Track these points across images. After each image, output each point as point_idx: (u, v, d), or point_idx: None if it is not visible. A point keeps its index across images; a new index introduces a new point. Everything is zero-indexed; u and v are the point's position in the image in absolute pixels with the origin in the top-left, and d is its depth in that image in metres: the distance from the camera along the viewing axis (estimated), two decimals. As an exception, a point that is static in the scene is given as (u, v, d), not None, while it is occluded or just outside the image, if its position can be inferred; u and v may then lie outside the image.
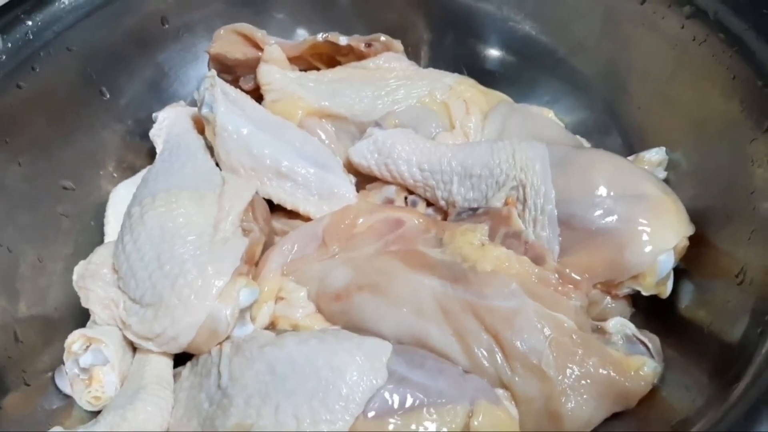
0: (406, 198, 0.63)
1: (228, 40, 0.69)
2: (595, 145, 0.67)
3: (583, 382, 0.47)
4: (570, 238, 0.54)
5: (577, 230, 0.54)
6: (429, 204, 0.63)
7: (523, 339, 0.48)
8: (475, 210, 0.58)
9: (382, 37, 0.70)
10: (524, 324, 0.49)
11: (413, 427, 0.45)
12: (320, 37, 0.69)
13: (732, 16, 0.56)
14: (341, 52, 0.71)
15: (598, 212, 0.53)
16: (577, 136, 0.68)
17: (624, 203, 0.53)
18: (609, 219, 0.53)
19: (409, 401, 0.45)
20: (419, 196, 0.63)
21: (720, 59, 0.56)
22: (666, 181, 0.60)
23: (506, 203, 0.57)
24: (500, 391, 0.49)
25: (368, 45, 0.70)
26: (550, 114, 0.70)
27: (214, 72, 0.65)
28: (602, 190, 0.53)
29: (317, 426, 0.43)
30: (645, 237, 0.52)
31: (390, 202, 0.62)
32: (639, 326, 0.53)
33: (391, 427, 0.44)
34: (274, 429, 0.43)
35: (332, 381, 0.45)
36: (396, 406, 0.45)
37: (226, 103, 0.62)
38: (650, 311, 0.55)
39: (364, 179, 0.64)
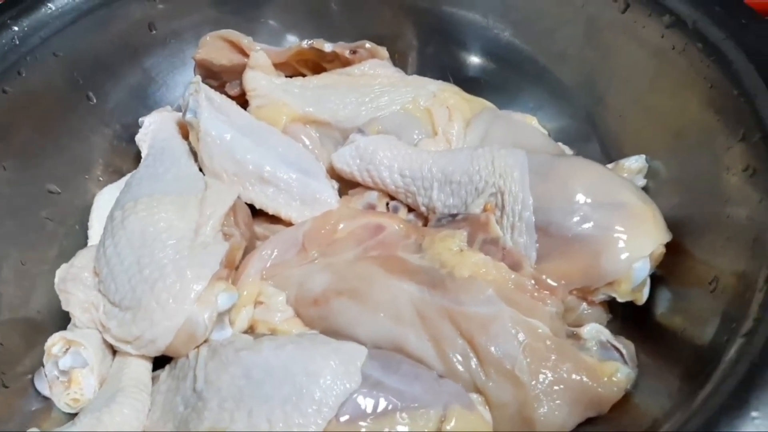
0: (387, 204, 0.63)
1: (214, 46, 0.70)
2: (577, 153, 0.67)
3: (556, 387, 0.48)
4: (547, 245, 0.54)
5: (554, 237, 0.54)
6: (410, 210, 0.63)
7: (497, 344, 0.49)
8: (454, 216, 0.58)
9: (367, 44, 0.71)
10: (499, 330, 0.49)
11: (386, 430, 0.45)
12: (305, 43, 0.69)
13: (710, 26, 0.56)
14: (327, 59, 0.71)
15: (576, 219, 0.53)
16: (560, 144, 0.69)
17: (601, 211, 0.53)
18: (586, 226, 0.53)
19: (382, 405, 0.46)
20: (401, 202, 0.63)
21: (698, 68, 0.56)
22: (645, 188, 0.61)
23: (485, 210, 0.57)
24: (475, 396, 0.49)
25: (353, 52, 0.70)
26: (533, 121, 0.71)
27: (198, 78, 0.66)
28: (580, 198, 0.54)
29: (290, 429, 0.44)
30: (621, 244, 0.52)
31: (372, 207, 0.62)
32: (616, 333, 0.54)
33: (363, 431, 0.45)
34: (247, 433, 0.43)
35: (306, 386, 0.45)
36: (369, 410, 0.45)
37: (210, 108, 0.63)
38: (627, 318, 0.55)
39: (346, 185, 0.65)
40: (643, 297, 0.53)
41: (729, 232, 0.49)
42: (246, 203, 0.61)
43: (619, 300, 0.53)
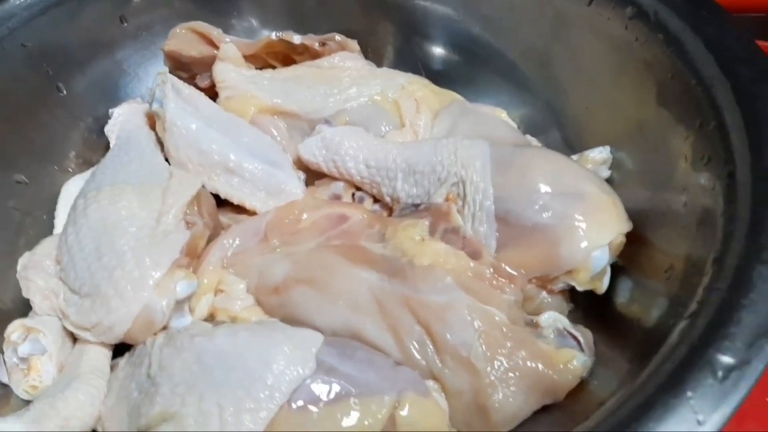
0: (353, 194, 0.63)
1: (184, 38, 0.70)
2: (546, 145, 0.68)
3: (511, 374, 0.48)
4: (507, 234, 0.54)
5: (514, 226, 0.54)
6: (376, 200, 0.63)
7: (453, 332, 0.49)
8: (417, 206, 0.59)
9: (337, 37, 0.71)
10: (456, 317, 0.49)
11: (338, 416, 0.45)
12: (274, 35, 0.69)
13: (671, 17, 0.56)
14: (297, 51, 0.71)
15: (535, 209, 0.53)
16: (528, 136, 0.69)
17: (561, 200, 0.53)
18: (545, 215, 0.53)
19: (335, 391, 0.46)
20: (366, 192, 0.63)
21: (659, 59, 0.56)
22: (610, 179, 0.61)
23: (447, 199, 0.57)
24: (431, 384, 0.49)
25: (323, 44, 0.70)
26: (502, 114, 0.71)
27: (166, 69, 0.66)
28: (540, 188, 0.54)
29: (240, 415, 0.44)
30: (580, 233, 0.52)
31: (337, 198, 0.62)
32: (577, 321, 0.54)
33: (315, 416, 0.45)
34: (197, 417, 0.43)
35: (259, 371, 0.45)
36: (322, 395, 0.45)
37: (177, 99, 0.63)
38: (588, 307, 0.55)
39: (313, 175, 0.65)
40: (602, 286, 0.54)
41: (685, 220, 0.49)
42: (212, 193, 0.61)
43: (579, 289, 0.53)
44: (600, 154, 0.61)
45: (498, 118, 0.68)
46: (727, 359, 0.34)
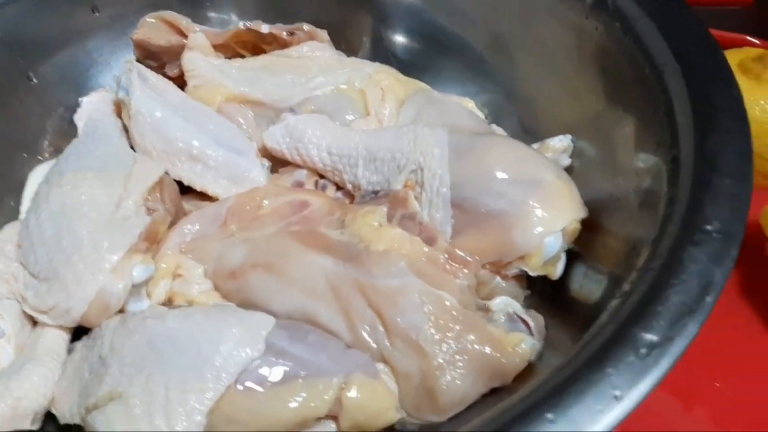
0: (317, 182, 0.63)
1: (153, 27, 0.71)
2: (510, 134, 0.68)
3: (459, 357, 0.48)
4: (462, 220, 0.55)
5: (469, 212, 0.54)
6: (339, 188, 0.63)
7: (404, 315, 0.49)
8: (376, 193, 0.59)
9: (306, 27, 0.71)
10: (407, 301, 0.50)
11: (284, 397, 0.45)
12: (242, 25, 0.70)
13: (629, 4, 0.57)
14: (265, 41, 0.72)
15: (491, 195, 0.54)
16: (494, 126, 0.69)
17: (516, 187, 0.54)
18: (500, 202, 0.53)
19: (283, 373, 0.46)
20: (329, 180, 0.63)
21: (617, 47, 0.57)
22: (570, 167, 0.61)
23: (406, 186, 0.58)
24: (381, 366, 0.49)
25: (291, 33, 0.71)
26: (469, 104, 0.71)
27: (133, 57, 0.66)
28: (496, 175, 0.54)
29: (186, 395, 0.44)
30: (533, 219, 0.52)
31: (300, 185, 0.63)
32: (533, 307, 0.54)
33: (261, 397, 0.45)
34: (143, 397, 0.44)
35: (207, 353, 0.46)
36: (270, 377, 0.46)
37: (142, 87, 0.64)
38: (544, 292, 0.56)
39: (279, 163, 0.65)
40: (556, 272, 0.54)
41: (634, 205, 0.50)
42: (176, 180, 0.62)
43: (531, 274, 0.54)
44: (560, 142, 0.62)
45: (463, 107, 0.69)
46: (650, 337, 0.34)
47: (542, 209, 0.53)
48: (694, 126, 0.46)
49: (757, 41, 0.87)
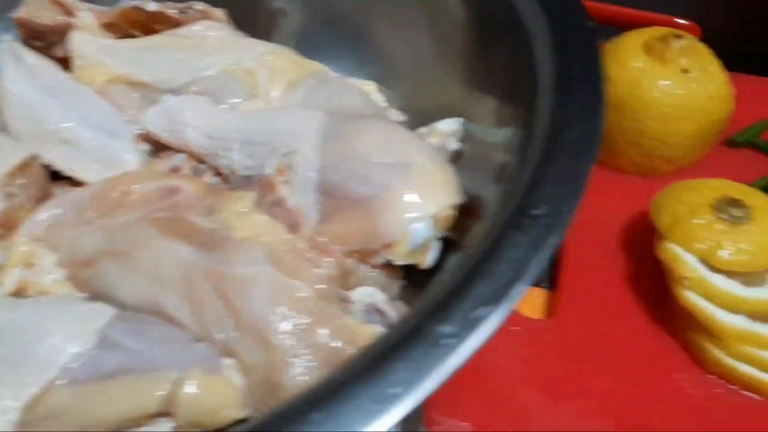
0: (195, 167, 0.61)
1: (38, 6, 0.67)
2: (411, 121, 0.65)
3: (308, 350, 0.45)
4: (330, 206, 0.52)
5: (336, 197, 0.52)
6: (219, 173, 0.61)
7: (252, 307, 0.47)
8: (249, 178, 0.56)
9: (199, 5, 0.68)
10: (257, 292, 0.47)
11: (112, 391, 0.43)
12: (128, 3, 0.67)
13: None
14: (156, 20, 0.69)
15: (357, 179, 0.51)
16: (393, 110, 0.66)
17: (385, 171, 0.51)
18: (366, 186, 0.51)
19: (114, 367, 0.44)
20: (209, 164, 0.61)
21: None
22: (460, 152, 0.59)
23: (278, 170, 0.55)
24: (228, 361, 0.47)
25: (182, 12, 0.68)
26: (370, 87, 0.68)
27: (10, 37, 0.63)
28: (364, 158, 0.52)
29: (5, 388, 0.42)
30: (399, 204, 0.50)
31: (176, 170, 0.60)
32: (408, 297, 0.52)
33: (86, 393, 0.43)
34: (-46, 390, 0.41)
35: (33, 345, 0.43)
36: (97, 371, 0.43)
37: (16, 67, 0.61)
38: (418, 282, 0.53)
39: (161, 148, 0.63)
40: (425, 260, 0.51)
41: (503, 183, 0.47)
42: (45, 164, 0.59)
43: (399, 263, 0.51)
44: (448, 126, 0.59)
45: (358, 89, 0.65)
46: (447, 329, 0.31)
47: (410, 194, 0.50)
48: (553, 104, 0.43)
49: (685, 22, 0.84)
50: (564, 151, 0.39)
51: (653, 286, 0.54)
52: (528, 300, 0.58)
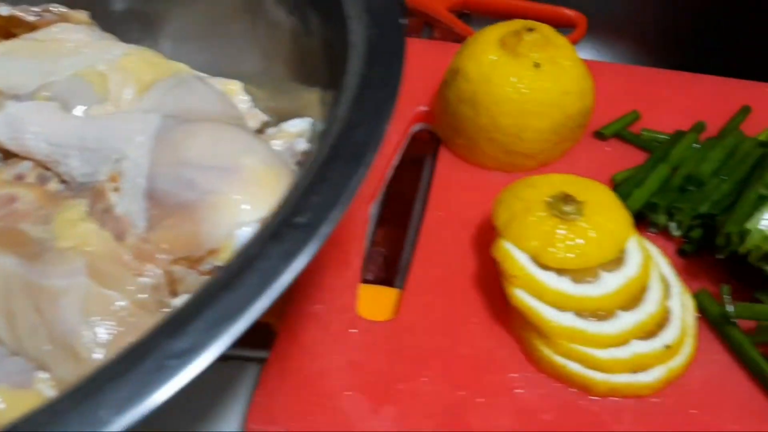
0: (40, 174, 0.59)
1: None
2: (274, 122, 0.64)
3: (118, 363, 0.44)
4: (158, 213, 0.51)
5: (164, 205, 0.51)
6: (64, 181, 0.59)
7: (64, 319, 0.46)
8: (85, 185, 0.55)
9: (55, 8, 0.67)
10: (69, 303, 0.46)
11: None
12: (-23, 8, 0.65)
13: None
14: (14, 24, 0.67)
15: (182, 185, 0.50)
16: (257, 111, 0.65)
17: (210, 175, 0.50)
18: (192, 192, 0.50)
19: None
20: (54, 171, 0.59)
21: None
22: (309, 152, 0.58)
23: (110, 177, 0.54)
24: (42, 375, 0.46)
25: (39, 15, 0.66)
26: (234, 87, 0.67)
27: None
28: (189, 162, 0.51)
29: None
30: (223, 210, 0.49)
31: (21, 177, 0.58)
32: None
33: None
34: None
35: None
36: None
37: None
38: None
39: (8, 156, 0.61)
40: (254, 266, 0.50)
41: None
42: None
43: (226, 269, 0.50)
44: (295, 126, 0.58)
45: (217, 91, 0.64)
46: (180, 344, 0.31)
47: (235, 198, 0.49)
48: (349, 108, 0.42)
49: (570, 13, 0.84)
50: (343, 155, 0.38)
51: (499, 285, 0.53)
52: (378, 301, 0.57)
